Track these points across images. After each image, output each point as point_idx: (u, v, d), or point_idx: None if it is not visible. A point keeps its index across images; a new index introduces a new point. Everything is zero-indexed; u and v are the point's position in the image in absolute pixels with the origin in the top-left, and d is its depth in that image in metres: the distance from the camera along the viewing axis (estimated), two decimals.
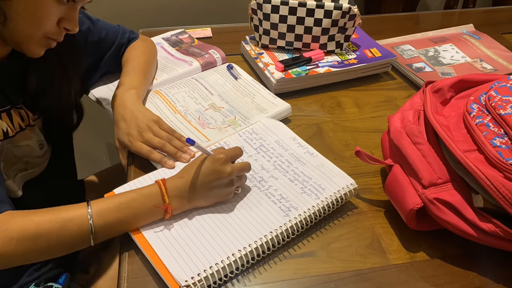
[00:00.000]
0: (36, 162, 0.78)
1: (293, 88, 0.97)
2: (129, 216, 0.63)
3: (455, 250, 0.65)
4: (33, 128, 0.76)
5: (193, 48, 1.07)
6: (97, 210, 0.61)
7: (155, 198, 0.63)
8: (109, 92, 0.92)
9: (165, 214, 0.64)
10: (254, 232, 0.63)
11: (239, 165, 0.68)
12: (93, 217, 0.60)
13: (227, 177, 0.66)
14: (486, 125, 0.62)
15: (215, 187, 0.66)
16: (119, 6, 1.39)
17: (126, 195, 0.64)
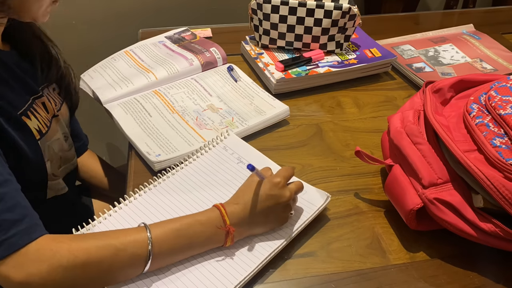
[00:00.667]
0: (66, 156, 0.79)
1: (293, 88, 0.97)
2: (186, 244, 0.59)
3: (455, 250, 0.65)
4: (57, 119, 0.77)
5: (194, 44, 1.08)
6: (154, 236, 0.56)
7: (215, 223, 0.60)
8: (109, 88, 0.92)
9: (226, 238, 0.60)
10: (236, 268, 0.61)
11: (295, 187, 0.65)
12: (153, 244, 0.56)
13: (286, 201, 0.62)
14: (486, 125, 0.62)
15: (273, 213, 0.62)
16: (119, 6, 1.39)
17: (183, 221, 0.59)
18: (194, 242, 0.59)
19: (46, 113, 0.73)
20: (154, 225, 0.59)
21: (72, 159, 0.81)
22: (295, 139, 0.86)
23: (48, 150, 0.71)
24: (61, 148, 0.76)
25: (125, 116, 0.87)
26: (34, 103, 0.71)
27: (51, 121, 0.74)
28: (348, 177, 0.77)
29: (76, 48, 1.41)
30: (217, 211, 0.61)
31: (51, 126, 0.74)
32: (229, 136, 0.80)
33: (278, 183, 0.62)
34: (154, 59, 1.02)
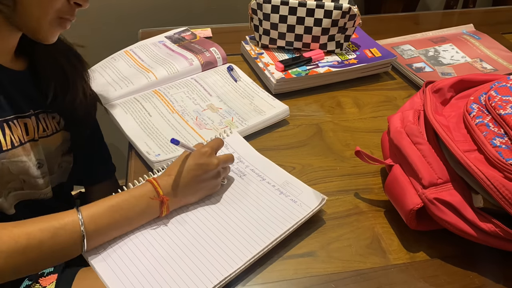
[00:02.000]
0: (33, 183, 0.74)
1: (293, 88, 0.97)
2: (122, 219, 0.61)
3: (455, 250, 0.65)
4: (35, 144, 0.73)
5: (194, 44, 1.08)
6: (88, 215, 0.59)
7: (148, 195, 0.63)
8: (109, 88, 0.92)
9: (161, 208, 0.64)
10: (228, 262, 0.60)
11: (224, 156, 0.69)
12: (85, 223, 0.58)
13: (214, 168, 0.66)
14: (486, 125, 0.62)
15: (204, 181, 0.66)
16: (119, 6, 1.39)
17: (117, 197, 0.62)
18: (130, 216, 0.62)
19: (24, 134, 0.70)
20: (90, 205, 0.60)
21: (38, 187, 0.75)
22: (295, 139, 0.86)
23: (1, 168, 0.67)
24: (23, 171, 0.71)
25: (125, 116, 0.87)
26: (12, 120, 0.68)
27: (24, 143, 0.70)
28: (348, 177, 0.77)
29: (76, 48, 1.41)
30: (149, 184, 0.64)
31: (21, 147, 0.69)
32: (231, 134, 0.80)
33: (205, 152, 0.66)
34: (154, 59, 1.02)
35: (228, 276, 0.59)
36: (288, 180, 0.72)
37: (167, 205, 0.64)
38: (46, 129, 0.75)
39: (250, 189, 0.71)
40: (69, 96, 0.77)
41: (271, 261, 0.63)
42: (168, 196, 0.64)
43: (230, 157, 0.71)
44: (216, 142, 0.70)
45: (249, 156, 0.77)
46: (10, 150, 0.67)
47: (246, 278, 0.61)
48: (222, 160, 0.68)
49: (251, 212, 0.67)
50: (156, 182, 0.64)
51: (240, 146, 0.79)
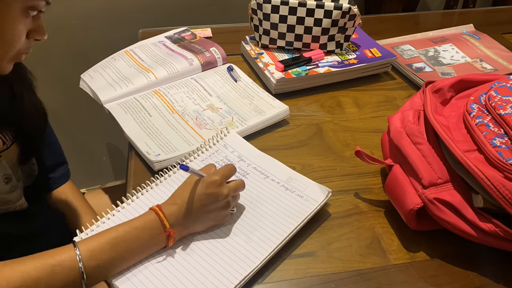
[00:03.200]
0: (5, 199, 0.69)
1: (293, 88, 0.97)
2: (125, 252, 0.58)
3: (455, 250, 0.65)
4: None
5: (194, 44, 1.08)
6: (88, 250, 0.55)
7: (152, 227, 0.59)
8: (109, 88, 0.92)
9: (168, 240, 0.60)
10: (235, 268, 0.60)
11: (234, 185, 0.65)
12: (83, 259, 0.55)
13: (224, 199, 0.63)
14: (486, 125, 0.62)
15: (212, 211, 0.63)
16: (119, 6, 1.39)
17: (118, 229, 0.59)
18: (133, 249, 0.59)
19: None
20: (88, 239, 0.57)
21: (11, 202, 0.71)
22: (295, 139, 0.86)
23: None
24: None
25: (125, 116, 0.87)
26: None
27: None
28: (348, 177, 0.77)
29: (76, 48, 1.41)
30: (153, 214, 0.60)
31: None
32: (229, 134, 0.80)
33: (215, 182, 0.62)
34: (154, 59, 1.02)
35: (246, 277, 0.59)
36: (292, 176, 0.73)
37: (174, 238, 0.61)
38: (6, 141, 0.70)
39: (255, 187, 0.71)
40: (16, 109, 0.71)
41: (271, 261, 0.63)
42: (174, 227, 0.60)
43: (240, 185, 0.66)
44: (227, 169, 0.65)
45: (250, 154, 0.77)
46: None
47: (250, 275, 0.61)
48: (232, 189, 0.64)
49: (260, 211, 0.68)
50: (161, 212, 0.60)
51: (239, 145, 0.79)
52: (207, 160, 0.76)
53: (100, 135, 1.63)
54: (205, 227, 0.64)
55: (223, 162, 0.75)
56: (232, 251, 0.62)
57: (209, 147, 0.78)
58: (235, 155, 0.76)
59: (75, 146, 1.59)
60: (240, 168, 0.75)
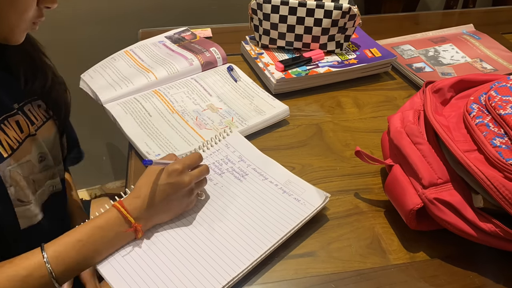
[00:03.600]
0: (40, 179, 0.71)
1: (293, 88, 0.97)
2: (91, 252, 0.58)
3: (455, 250, 0.65)
4: (34, 138, 0.69)
5: (194, 44, 1.08)
6: (54, 255, 0.56)
7: (116, 224, 0.60)
8: (109, 88, 0.92)
9: (136, 234, 0.61)
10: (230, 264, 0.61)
11: (197, 172, 0.65)
12: (51, 263, 0.56)
13: (186, 187, 0.63)
14: (486, 125, 0.62)
15: (175, 200, 0.63)
16: (119, 6, 1.39)
17: (82, 230, 0.59)
18: (100, 249, 0.59)
19: (18, 132, 0.67)
20: (53, 242, 0.58)
21: (42, 182, 0.72)
22: (295, 139, 0.86)
23: (10, 174, 0.64)
24: (31, 171, 0.69)
25: (125, 116, 0.87)
26: (3, 122, 0.65)
27: (22, 141, 0.67)
28: (348, 177, 0.77)
29: (76, 48, 1.41)
30: (115, 211, 0.60)
31: (21, 148, 0.67)
32: (231, 133, 0.80)
33: (176, 170, 0.62)
34: (154, 59, 1.02)
35: (236, 277, 0.59)
36: (291, 179, 0.72)
37: (141, 231, 0.62)
38: (36, 120, 0.72)
39: (253, 188, 0.71)
40: (41, 79, 0.74)
41: (271, 261, 0.63)
42: (139, 221, 0.61)
43: (203, 170, 0.66)
44: (190, 158, 0.65)
45: (251, 155, 0.77)
46: (12, 155, 0.64)
47: (246, 278, 0.61)
48: (194, 176, 0.64)
49: (255, 212, 0.67)
50: (123, 208, 0.60)
51: (241, 145, 0.79)
52: (208, 158, 0.76)
53: (100, 135, 1.63)
54: (171, 217, 0.65)
55: (223, 162, 0.75)
56: (222, 251, 0.62)
57: (210, 146, 0.78)
58: (236, 155, 0.77)
59: None
60: (239, 168, 0.75)
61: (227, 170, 0.74)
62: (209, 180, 0.73)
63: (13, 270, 0.55)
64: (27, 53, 0.72)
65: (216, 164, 0.75)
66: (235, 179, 0.73)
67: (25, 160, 0.67)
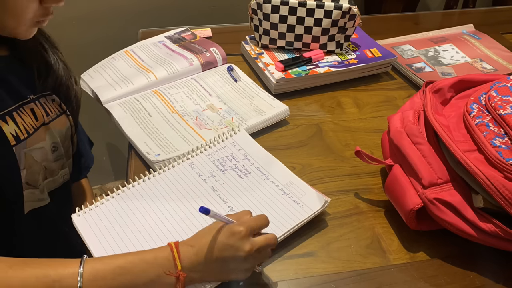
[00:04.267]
0: (52, 168, 0.73)
1: (293, 88, 0.97)
2: (127, 283, 0.53)
3: (455, 250, 0.65)
4: (47, 127, 0.72)
5: (194, 44, 1.08)
6: (91, 272, 0.52)
7: (162, 265, 0.54)
8: (109, 88, 0.92)
9: (176, 283, 0.54)
10: None
11: (261, 241, 0.56)
12: (84, 280, 0.52)
13: (244, 254, 0.55)
14: (486, 125, 0.62)
15: (229, 263, 0.56)
16: (119, 6, 1.39)
17: (127, 258, 0.54)
18: (137, 282, 0.53)
19: (34, 120, 0.69)
20: (96, 259, 0.55)
21: (56, 172, 0.75)
22: (295, 139, 0.86)
23: (26, 157, 0.66)
24: (44, 158, 0.70)
25: (125, 116, 0.87)
26: (19, 108, 0.68)
27: (37, 128, 0.70)
28: (348, 177, 0.77)
29: (76, 48, 1.41)
30: (168, 251, 0.55)
31: (36, 133, 0.69)
32: (239, 132, 0.81)
33: (239, 233, 0.55)
34: (154, 59, 1.02)
35: None
36: (293, 180, 0.72)
37: (183, 282, 0.54)
38: (50, 112, 0.75)
39: (253, 187, 0.71)
40: (52, 75, 0.75)
41: (271, 261, 0.63)
42: (186, 271, 0.54)
43: (270, 241, 0.57)
44: (258, 221, 0.58)
45: (256, 154, 0.77)
46: (27, 138, 0.67)
47: (246, 278, 0.61)
48: (257, 245, 0.56)
49: (251, 211, 0.67)
50: (176, 251, 0.55)
51: (248, 144, 0.79)
52: (213, 155, 0.76)
53: (100, 135, 1.63)
54: (220, 280, 0.58)
55: (228, 159, 0.76)
56: None
57: (217, 143, 0.79)
58: (241, 153, 0.77)
59: None
60: (243, 166, 0.75)
61: (231, 167, 0.74)
62: (211, 176, 0.73)
63: (44, 269, 0.52)
64: (41, 49, 0.74)
65: (220, 161, 0.75)
66: (237, 177, 0.73)
67: (39, 146, 0.70)
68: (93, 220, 0.66)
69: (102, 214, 0.67)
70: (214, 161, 0.75)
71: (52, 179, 0.75)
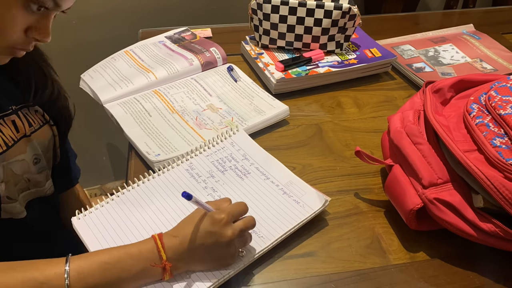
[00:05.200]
0: (36, 179, 0.72)
1: (293, 88, 0.97)
2: (115, 279, 0.54)
3: (455, 250, 0.65)
4: (28, 139, 0.70)
5: (194, 44, 1.08)
6: (77, 271, 0.53)
7: (147, 258, 0.55)
8: (109, 88, 0.92)
9: (163, 274, 0.56)
10: None
11: (242, 224, 0.59)
12: (71, 278, 0.52)
13: (226, 240, 0.57)
14: (486, 125, 0.62)
15: (215, 251, 0.58)
16: (119, 6, 1.39)
17: (112, 253, 0.55)
18: (124, 278, 0.55)
19: (14, 132, 0.67)
20: (80, 256, 0.55)
21: (42, 183, 0.73)
22: (295, 139, 0.86)
23: (4, 170, 0.64)
24: (25, 170, 0.69)
25: (125, 116, 0.87)
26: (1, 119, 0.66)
27: (17, 140, 0.68)
28: (348, 177, 0.77)
29: (76, 48, 1.41)
30: (152, 243, 0.56)
31: (16, 146, 0.67)
32: (238, 132, 0.81)
33: (220, 220, 0.56)
34: (154, 59, 1.02)
35: (226, 275, 0.59)
36: (292, 180, 0.72)
37: (170, 271, 0.56)
38: (33, 123, 0.72)
39: (254, 187, 0.71)
40: (49, 89, 0.73)
41: (271, 261, 0.63)
42: (172, 261, 0.56)
43: (249, 224, 0.60)
44: (237, 207, 0.60)
45: (255, 154, 0.77)
46: (6, 151, 0.65)
47: (246, 278, 0.61)
48: (237, 229, 0.58)
49: (252, 211, 0.67)
50: (160, 242, 0.56)
51: (246, 144, 0.79)
52: (212, 156, 0.76)
53: (100, 135, 1.63)
54: (207, 267, 0.59)
55: (227, 159, 0.76)
56: None
57: (216, 143, 0.78)
58: (240, 153, 0.77)
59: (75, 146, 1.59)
60: (242, 166, 0.75)
61: (230, 168, 0.74)
62: (211, 177, 0.73)
63: (31, 274, 0.52)
64: (38, 65, 0.72)
65: (219, 162, 0.75)
66: (237, 177, 0.73)
67: (20, 158, 0.68)
68: (93, 223, 0.66)
69: (102, 216, 0.67)
70: (213, 161, 0.75)
71: (36, 190, 0.73)
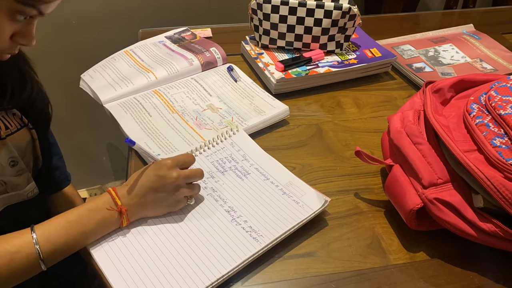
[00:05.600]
0: (13, 182, 0.71)
1: (293, 88, 0.97)
2: (79, 234, 0.60)
3: (455, 250, 0.65)
4: (4, 141, 0.68)
5: (194, 44, 1.08)
6: (44, 235, 0.57)
7: (105, 207, 0.61)
8: (109, 88, 0.92)
9: (121, 219, 0.62)
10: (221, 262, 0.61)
11: (188, 171, 0.65)
12: (40, 243, 0.56)
13: (173, 182, 0.63)
14: (486, 125, 0.62)
15: (160, 193, 0.63)
16: (119, 6, 1.39)
17: (73, 212, 0.61)
18: (87, 230, 0.60)
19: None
20: (45, 222, 0.59)
21: (21, 186, 0.72)
22: (295, 139, 0.86)
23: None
24: (1, 173, 0.68)
25: (125, 116, 0.87)
26: None
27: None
28: (348, 177, 0.77)
29: (76, 48, 1.41)
30: (107, 195, 0.62)
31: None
32: (238, 132, 0.81)
33: (165, 164, 0.63)
34: (154, 59, 1.02)
35: (225, 275, 0.59)
36: (292, 180, 0.72)
37: (126, 215, 0.62)
38: (10, 126, 0.70)
39: (253, 188, 0.71)
40: (27, 91, 0.72)
41: (271, 261, 0.63)
42: (126, 206, 0.62)
43: (197, 173, 0.66)
44: (183, 157, 0.67)
45: (255, 155, 0.77)
46: None
47: (246, 278, 0.61)
48: (183, 175, 0.64)
49: (252, 211, 0.67)
50: (114, 192, 0.62)
51: (246, 144, 0.79)
52: (212, 156, 0.76)
53: (100, 135, 1.63)
54: (157, 213, 0.65)
55: (227, 160, 0.76)
56: (215, 247, 0.62)
57: (215, 143, 0.78)
58: (240, 154, 0.77)
59: (75, 146, 1.59)
60: (242, 167, 0.75)
61: (230, 168, 0.74)
62: (211, 177, 0.73)
63: (1, 246, 0.56)
64: (16, 67, 0.71)
65: (219, 162, 0.75)
66: (237, 178, 0.73)
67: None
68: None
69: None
70: (213, 162, 0.75)
71: (16, 193, 0.72)
